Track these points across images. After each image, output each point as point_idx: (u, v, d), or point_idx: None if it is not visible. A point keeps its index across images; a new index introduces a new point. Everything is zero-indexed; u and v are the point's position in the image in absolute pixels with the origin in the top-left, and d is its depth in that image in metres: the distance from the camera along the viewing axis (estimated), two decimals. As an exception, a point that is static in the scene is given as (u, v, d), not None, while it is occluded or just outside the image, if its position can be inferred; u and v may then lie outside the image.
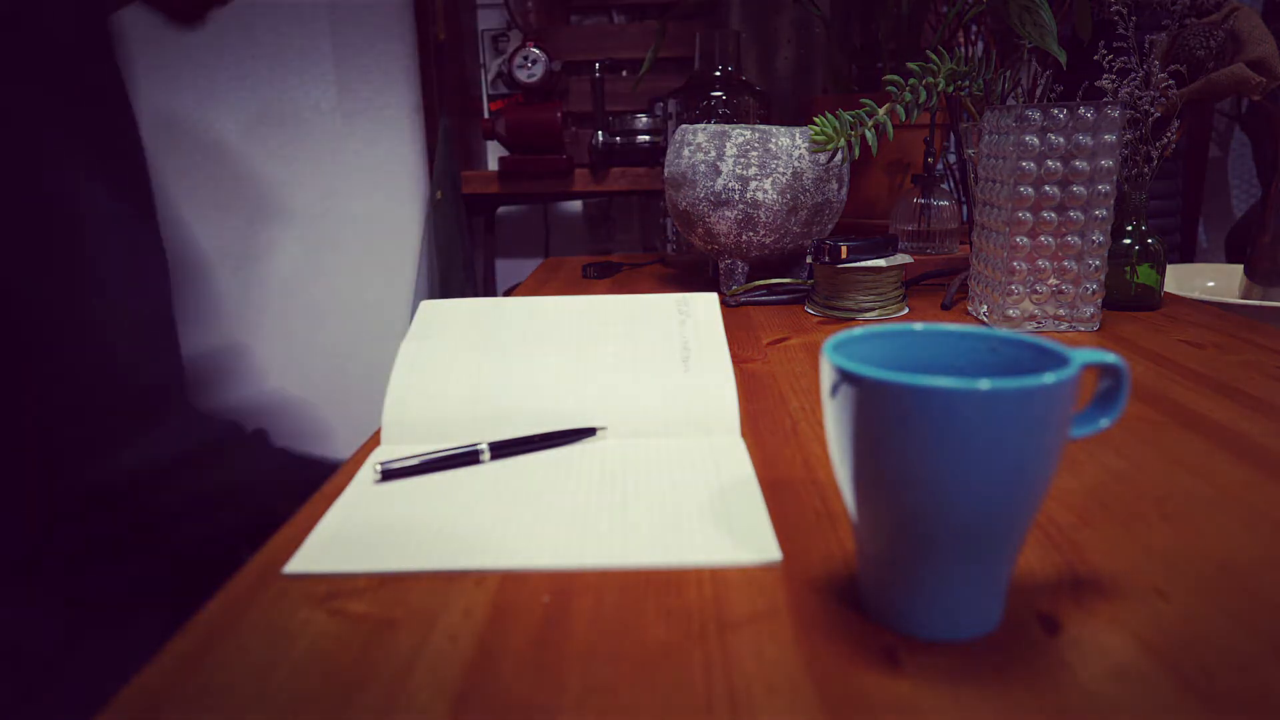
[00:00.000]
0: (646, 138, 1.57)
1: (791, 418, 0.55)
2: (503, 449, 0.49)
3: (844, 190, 0.91)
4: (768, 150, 0.83)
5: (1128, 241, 0.81)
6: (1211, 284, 1.11)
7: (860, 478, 0.30)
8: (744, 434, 0.52)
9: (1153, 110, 0.77)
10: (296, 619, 0.33)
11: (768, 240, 0.87)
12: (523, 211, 1.85)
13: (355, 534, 0.40)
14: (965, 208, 1.08)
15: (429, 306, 0.62)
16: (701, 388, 0.53)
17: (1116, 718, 0.27)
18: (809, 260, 0.90)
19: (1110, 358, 0.32)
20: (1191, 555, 0.37)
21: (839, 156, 0.78)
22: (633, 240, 1.85)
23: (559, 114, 1.54)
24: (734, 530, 0.39)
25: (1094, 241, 0.72)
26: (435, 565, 0.37)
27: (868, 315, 0.81)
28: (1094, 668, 0.29)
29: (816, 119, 0.78)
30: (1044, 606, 0.33)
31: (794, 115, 1.45)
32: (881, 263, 0.80)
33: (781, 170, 0.83)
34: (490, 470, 0.47)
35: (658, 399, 0.53)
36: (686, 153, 0.88)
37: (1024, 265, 0.74)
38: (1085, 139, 0.70)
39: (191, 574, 0.52)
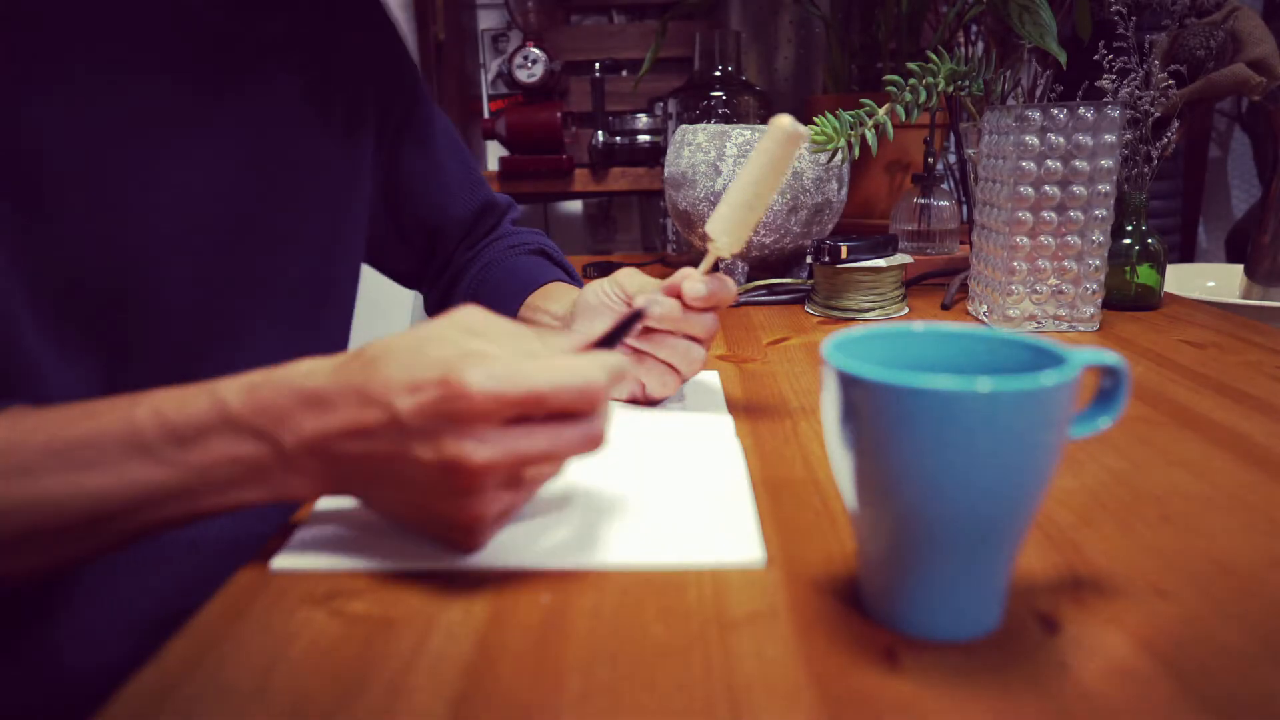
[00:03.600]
0: (646, 138, 1.57)
1: (791, 418, 0.55)
2: None
3: (844, 190, 0.91)
4: (768, 150, 0.83)
5: (1128, 241, 0.81)
6: (1211, 284, 1.11)
7: (860, 478, 0.30)
8: (744, 434, 0.52)
9: (1153, 110, 0.77)
10: (296, 619, 0.33)
11: (768, 240, 0.87)
12: (523, 211, 1.85)
13: (348, 531, 0.40)
14: (965, 208, 1.08)
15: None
16: (696, 390, 0.53)
17: (1116, 718, 0.27)
18: (809, 260, 0.90)
19: (1110, 358, 0.32)
20: (1191, 555, 0.37)
21: (839, 156, 0.78)
22: (633, 240, 1.85)
23: (559, 114, 1.54)
24: (722, 531, 0.39)
25: (1094, 241, 0.72)
26: (427, 564, 0.37)
27: (868, 315, 0.81)
28: (1094, 668, 0.29)
29: (816, 119, 0.78)
30: (1044, 606, 0.33)
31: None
32: (881, 263, 0.80)
33: (781, 170, 0.83)
34: None
35: (654, 421, 0.53)
36: (686, 153, 0.88)
37: (1024, 265, 0.74)
38: (1085, 139, 0.70)
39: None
